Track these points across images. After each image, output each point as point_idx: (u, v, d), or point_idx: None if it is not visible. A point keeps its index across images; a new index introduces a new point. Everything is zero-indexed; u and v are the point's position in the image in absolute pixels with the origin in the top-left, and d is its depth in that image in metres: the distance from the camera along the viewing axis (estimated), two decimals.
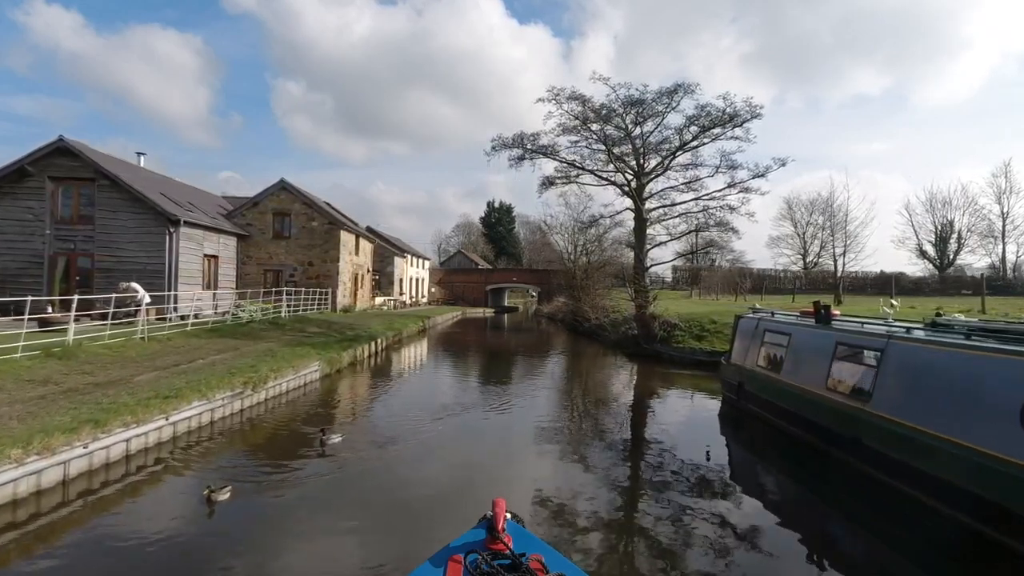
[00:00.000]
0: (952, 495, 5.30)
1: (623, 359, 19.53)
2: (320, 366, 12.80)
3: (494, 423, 10.19)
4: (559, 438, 9.17)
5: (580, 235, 31.85)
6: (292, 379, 11.24)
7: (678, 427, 10.50)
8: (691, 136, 18.77)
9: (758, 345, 10.20)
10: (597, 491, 6.53)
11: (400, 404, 11.45)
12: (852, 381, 7.30)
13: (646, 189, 20.26)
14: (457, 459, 7.91)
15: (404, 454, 7.66)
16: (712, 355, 17.10)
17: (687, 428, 10.48)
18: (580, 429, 10.14)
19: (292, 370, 11.24)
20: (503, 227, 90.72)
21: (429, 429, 8.96)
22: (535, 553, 2.94)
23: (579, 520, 5.67)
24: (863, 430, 6.67)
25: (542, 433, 9.32)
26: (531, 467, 7.70)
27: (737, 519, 5.76)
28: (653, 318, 19.65)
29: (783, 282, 50.81)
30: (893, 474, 6.15)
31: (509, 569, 2.70)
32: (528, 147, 19.65)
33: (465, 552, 2.85)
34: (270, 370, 10.34)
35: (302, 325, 19.58)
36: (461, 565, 2.77)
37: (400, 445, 8.00)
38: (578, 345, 25.26)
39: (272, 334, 16.40)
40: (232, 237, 26.39)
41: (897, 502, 5.97)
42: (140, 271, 20.78)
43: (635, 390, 14.71)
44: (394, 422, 9.48)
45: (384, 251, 44.24)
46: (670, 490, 6.63)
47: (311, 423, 8.97)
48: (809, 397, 8.03)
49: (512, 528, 3.21)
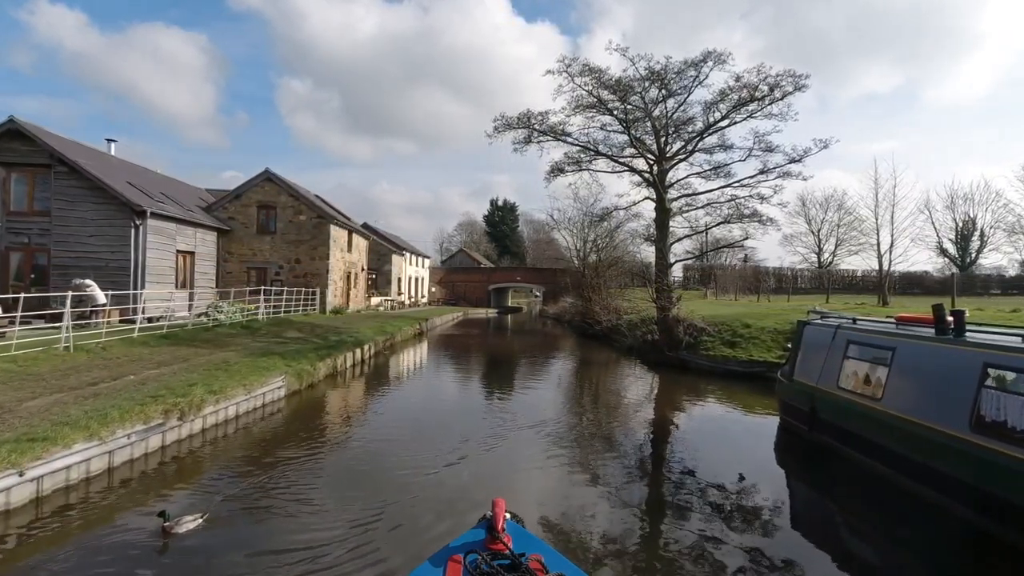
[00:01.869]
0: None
1: (642, 368, 17.22)
2: (285, 381, 10.55)
3: (499, 460, 7.89)
4: (579, 463, 7.32)
5: (590, 229, 29.55)
6: (244, 400, 8.99)
7: (716, 452, 8.57)
8: (721, 114, 16.45)
9: (838, 360, 7.89)
10: (630, 519, 5.28)
11: (376, 434, 9.16)
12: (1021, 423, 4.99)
13: (667, 176, 17.95)
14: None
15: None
16: (749, 365, 14.78)
17: (731, 455, 8.49)
18: (606, 457, 7.88)
19: (244, 389, 8.98)
20: (507, 226, 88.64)
21: (403, 490, 6.18)
22: (535, 553, 2.90)
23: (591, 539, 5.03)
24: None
25: (559, 457, 7.31)
26: (551, 491, 5.86)
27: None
28: (677, 321, 17.34)
29: (800, 281, 48.38)
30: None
31: (509, 569, 2.67)
32: (535, 127, 17.32)
33: (465, 552, 2.81)
34: (210, 391, 8.08)
35: (280, 329, 17.35)
36: (461, 565, 2.72)
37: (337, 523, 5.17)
38: (589, 350, 22.95)
39: (240, 340, 14.17)
40: (211, 232, 24.20)
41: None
42: (102, 268, 18.63)
43: (662, 407, 12.42)
44: (357, 471, 7.18)
45: (381, 249, 42.02)
46: (724, 543, 4.40)
47: (232, 469, 6.72)
48: (939, 440, 5.72)
49: (512, 528, 3.16)
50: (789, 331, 15.71)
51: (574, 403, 12.75)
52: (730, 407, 12.15)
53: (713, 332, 17.04)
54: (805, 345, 8.97)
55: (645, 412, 12.04)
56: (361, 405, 11.41)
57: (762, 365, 14.51)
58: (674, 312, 17.42)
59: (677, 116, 17.11)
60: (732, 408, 12.04)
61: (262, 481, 6.27)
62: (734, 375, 14.82)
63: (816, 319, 9.20)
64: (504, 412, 11.06)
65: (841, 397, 7.64)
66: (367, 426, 9.42)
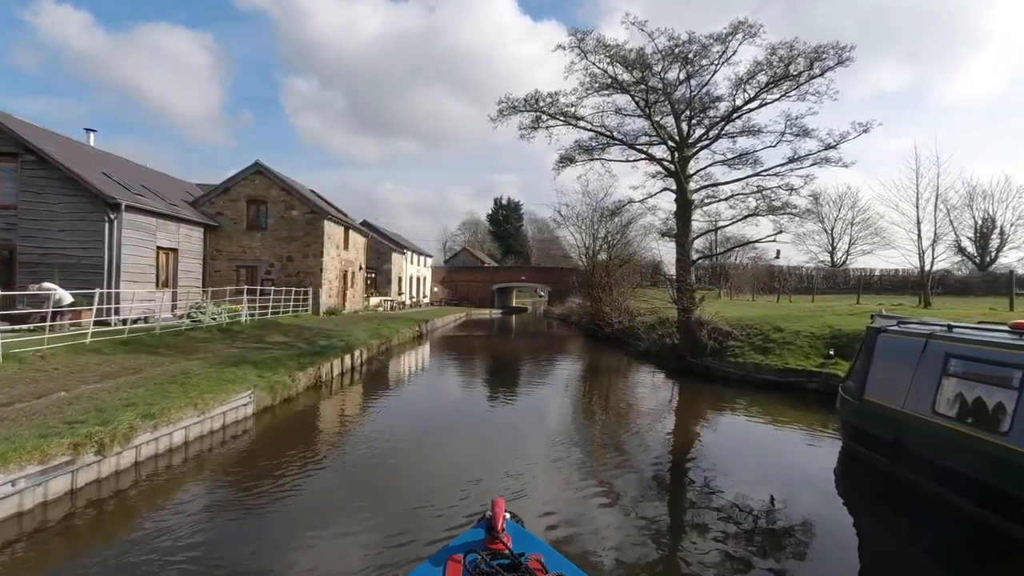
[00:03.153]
0: None
1: (661, 376, 15.58)
2: (254, 396, 8.98)
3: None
4: (592, 476, 6.47)
5: (600, 225, 27.86)
6: (196, 423, 7.42)
7: (749, 472, 7.46)
8: (751, 94, 14.78)
9: (934, 378, 6.25)
10: None
11: (358, 462, 7.58)
12: None
13: (689, 164, 16.30)
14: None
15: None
16: (785, 374, 13.13)
17: (770, 477, 7.25)
18: (620, 470, 6.40)
19: (196, 409, 7.41)
20: (511, 225, 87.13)
21: (393, 551, 4.71)
22: (534, 553, 2.87)
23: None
24: None
25: (582, 477, 5.94)
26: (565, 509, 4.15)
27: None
28: (700, 324, 15.71)
29: (815, 280, 46.55)
30: None
31: (508, 569, 2.64)
32: (543, 110, 15.67)
33: (465, 552, 2.78)
34: (146, 415, 6.51)
35: (264, 332, 15.81)
36: (461, 565, 2.70)
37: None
38: (599, 355, 21.32)
39: (214, 346, 12.63)
40: (197, 228, 22.70)
41: None
42: (73, 266, 17.17)
43: (684, 419, 10.79)
44: (332, 519, 5.61)
45: (381, 247, 40.53)
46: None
47: (159, 521, 5.14)
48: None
49: (511, 528, 3.13)
50: (829, 336, 14.07)
51: (586, 414, 11.15)
52: (765, 421, 10.59)
53: (741, 336, 15.39)
54: (881, 357, 7.33)
55: (664, 424, 10.55)
56: (344, 423, 9.82)
57: (801, 374, 12.87)
58: (697, 314, 15.78)
59: (701, 97, 15.45)
60: (768, 423, 10.48)
61: (200, 539, 4.70)
62: (767, 385, 13.17)
63: (891, 325, 7.55)
64: (514, 429, 9.46)
65: (940, 426, 6.01)
66: (348, 452, 7.83)
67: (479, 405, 12.13)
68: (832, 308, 19.90)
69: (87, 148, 21.43)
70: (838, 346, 13.37)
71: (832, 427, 9.96)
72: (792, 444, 9.18)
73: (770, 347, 14.33)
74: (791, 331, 14.76)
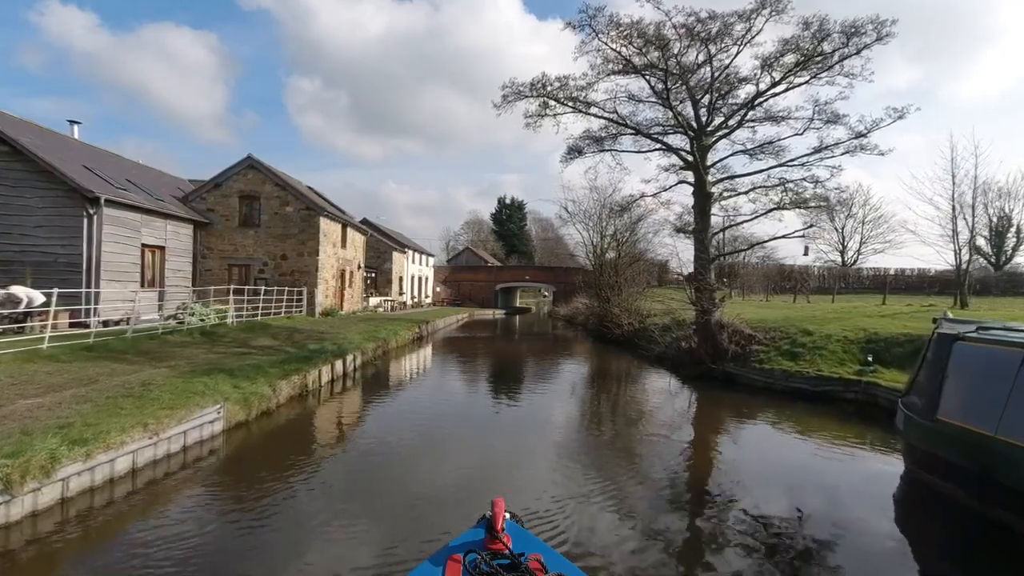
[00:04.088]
0: None
1: (677, 382, 14.40)
2: (224, 411, 7.87)
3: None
4: (607, 491, 5.70)
5: (609, 222, 26.63)
6: (148, 445, 6.30)
7: (781, 490, 6.41)
8: (776, 77, 13.57)
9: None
10: None
11: (341, 489, 6.46)
12: None
13: (708, 154, 15.11)
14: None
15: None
16: (817, 382, 11.94)
17: (806, 497, 6.25)
18: (634, 484, 5.32)
19: (147, 430, 6.29)
20: (514, 224, 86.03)
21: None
22: (534, 553, 2.85)
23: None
24: None
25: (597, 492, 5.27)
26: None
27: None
28: (721, 327, 14.52)
29: (834, 280, 45.14)
30: None
31: (508, 569, 2.62)
32: (551, 95, 14.49)
33: (464, 552, 2.75)
34: (72, 442, 5.39)
35: (250, 335, 14.72)
36: (460, 565, 2.68)
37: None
38: (609, 358, 20.15)
39: (190, 351, 11.54)
40: (186, 224, 21.66)
41: None
42: (49, 264, 16.14)
43: (704, 430, 9.63)
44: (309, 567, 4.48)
45: (381, 245, 39.47)
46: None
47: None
48: None
49: (511, 528, 3.09)
50: (864, 340, 12.87)
51: (598, 425, 9.99)
52: (797, 434, 9.54)
53: (765, 340, 14.20)
54: (959, 370, 6.14)
55: (681, 434, 9.62)
56: (329, 440, 8.70)
57: (836, 383, 11.68)
58: (717, 316, 14.59)
59: (722, 81, 14.23)
60: (801, 436, 9.45)
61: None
62: (798, 394, 11.99)
63: (968, 331, 6.36)
64: (520, 442, 8.32)
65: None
66: (328, 477, 6.70)
67: (482, 416, 10.99)
68: (858, 309, 18.68)
69: (69, 140, 20.41)
70: (875, 351, 12.19)
71: (878, 444, 8.87)
72: (834, 462, 8.06)
73: (799, 352, 13.12)
74: (821, 335, 13.55)
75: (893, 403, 10.56)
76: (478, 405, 12.20)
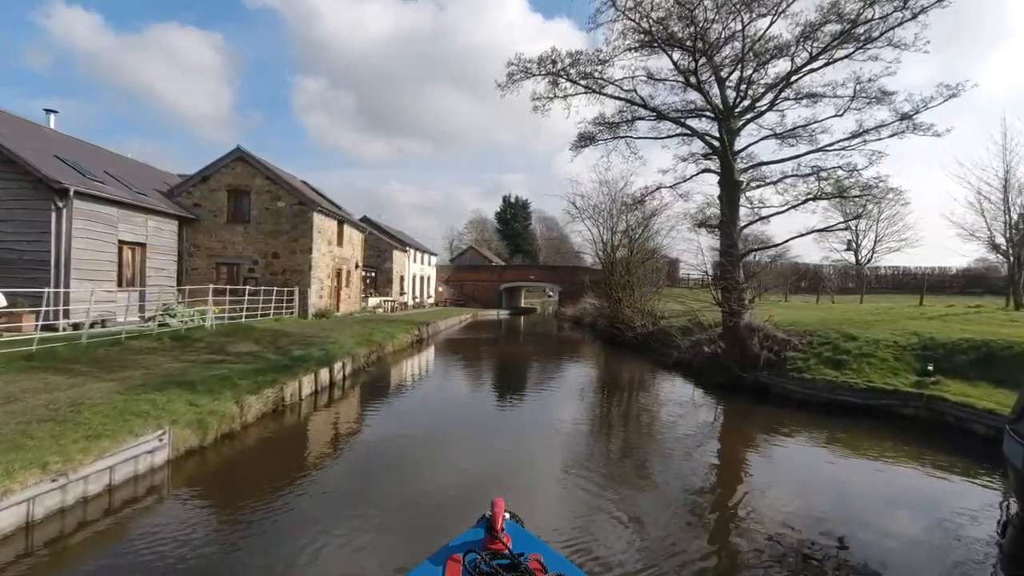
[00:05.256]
0: None
1: (699, 392, 12.92)
2: (170, 437, 6.45)
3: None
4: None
5: (620, 218, 25.11)
6: (51, 490, 4.88)
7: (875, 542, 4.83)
8: (817, 49, 12.04)
9: None
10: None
11: (314, 547, 5.01)
12: None
13: (736, 139, 13.62)
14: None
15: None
16: (869, 395, 10.42)
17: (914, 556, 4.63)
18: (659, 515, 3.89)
19: (46, 471, 4.86)
20: (519, 223, 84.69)
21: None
22: (534, 553, 2.80)
23: None
24: None
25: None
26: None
27: None
28: (751, 331, 13.02)
29: (844, 280, 43.46)
30: None
31: (508, 569, 2.57)
32: (562, 72, 13.02)
33: (464, 552, 2.69)
34: None
35: (229, 340, 13.32)
36: (460, 564, 2.63)
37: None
38: (622, 363, 18.68)
39: (151, 359, 10.14)
40: (170, 220, 20.29)
41: None
42: (14, 261, 14.83)
43: (745, 451, 8.15)
44: None
45: (381, 244, 38.10)
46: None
47: None
48: None
49: (511, 528, 3.05)
50: (919, 346, 11.36)
51: (620, 445, 8.50)
52: (851, 457, 8.06)
53: (802, 345, 12.69)
54: None
55: (705, 453, 8.09)
56: (300, 470, 7.24)
57: (892, 396, 10.16)
58: (747, 318, 13.10)
59: (755, 55, 12.71)
60: (855, 458, 7.98)
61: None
62: (844, 408, 10.48)
63: None
64: (530, 469, 6.87)
65: None
66: (296, 520, 5.26)
67: (484, 438, 9.53)
68: (894, 311, 17.14)
69: (44, 130, 19.08)
70: (935, 359, 10.67)
71: (956, 472, 7.38)
72: (904, 491, 6.64)
73: (843, 360, 11.60)
74: (867, 340, 12.02)
75: (963, 422, 9.10)
76: (479, 422, 10.74)
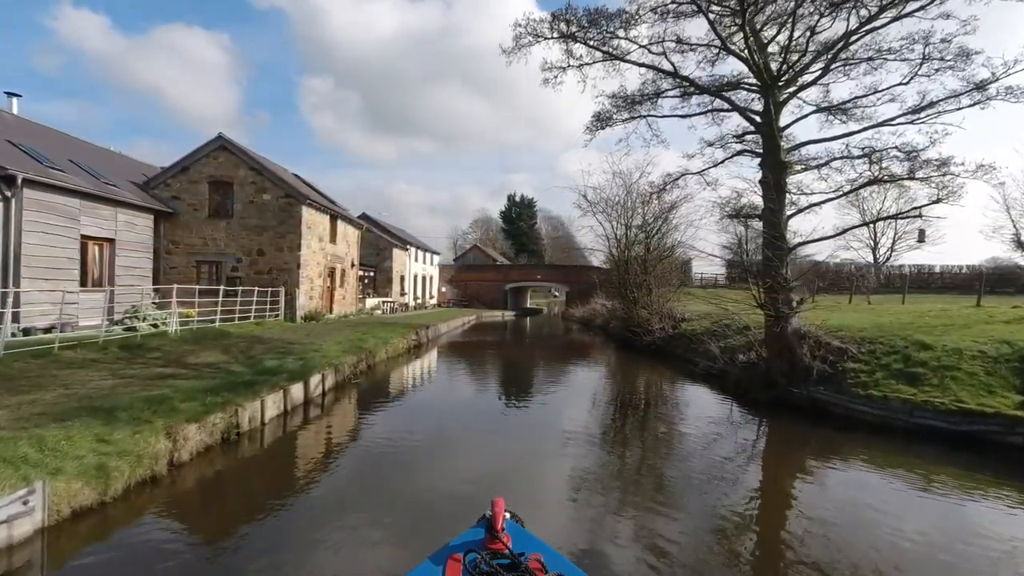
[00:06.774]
0: None
1: (739, 409, 10.99)
2: (42, 497, 4.61)
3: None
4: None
5: (637, 211, 23.12)
6: None
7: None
8: (879, 4, 10.10)
9: None
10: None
11: None
12: None
13: (782, 114, 11.69)
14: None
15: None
16: (960, 419, 8.45)
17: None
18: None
19: None
20: (524, 222, 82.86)
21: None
22: (534, 552, 2.81)
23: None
24: None
25: None
26: None
27: None
28: (800, 337, 11.08)
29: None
30: None
31: (508, 568, 2.59)
32: (578, 34, 11.12)
33: (464, 551, 2.71)
34: None
35: (192, 349, 11.49)
36: (460, 564, 2.65)
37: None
38: (640, 372, 16.75)
39: (81, 375, 8.31)
40: (145, 214, 18.55)
41: None
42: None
43: (796, 484, 6.23)
44: None
45: (380, 242, 36.32)
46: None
47: None
48: None
49: (511, 527, 3.07)
50: (1013, 356, 9.37)
51: (645, 470, 6.57)
52: (949, 499, 5.96)
53: (862, 355, 10.73)
54: None
55: (744, 484, 5.93)
56: (241, 524, 5.36)
57: (991, 420, 8.19)
58: (795, 323, 11.15)
59: (806, 12, 10.77)
60: (955, 501, 5.87)
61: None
62: (927, 434, 8.54)
63: None
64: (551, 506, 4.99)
65: None
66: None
67: (486, 480, 7.65)
68: (947, 312, 15.10)
69: (1, 115, 17.33)
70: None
71: None
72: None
73: (919, 373, 9.63)
74: (944, 349, 10.05)
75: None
76: (480, 456, 8.86)
